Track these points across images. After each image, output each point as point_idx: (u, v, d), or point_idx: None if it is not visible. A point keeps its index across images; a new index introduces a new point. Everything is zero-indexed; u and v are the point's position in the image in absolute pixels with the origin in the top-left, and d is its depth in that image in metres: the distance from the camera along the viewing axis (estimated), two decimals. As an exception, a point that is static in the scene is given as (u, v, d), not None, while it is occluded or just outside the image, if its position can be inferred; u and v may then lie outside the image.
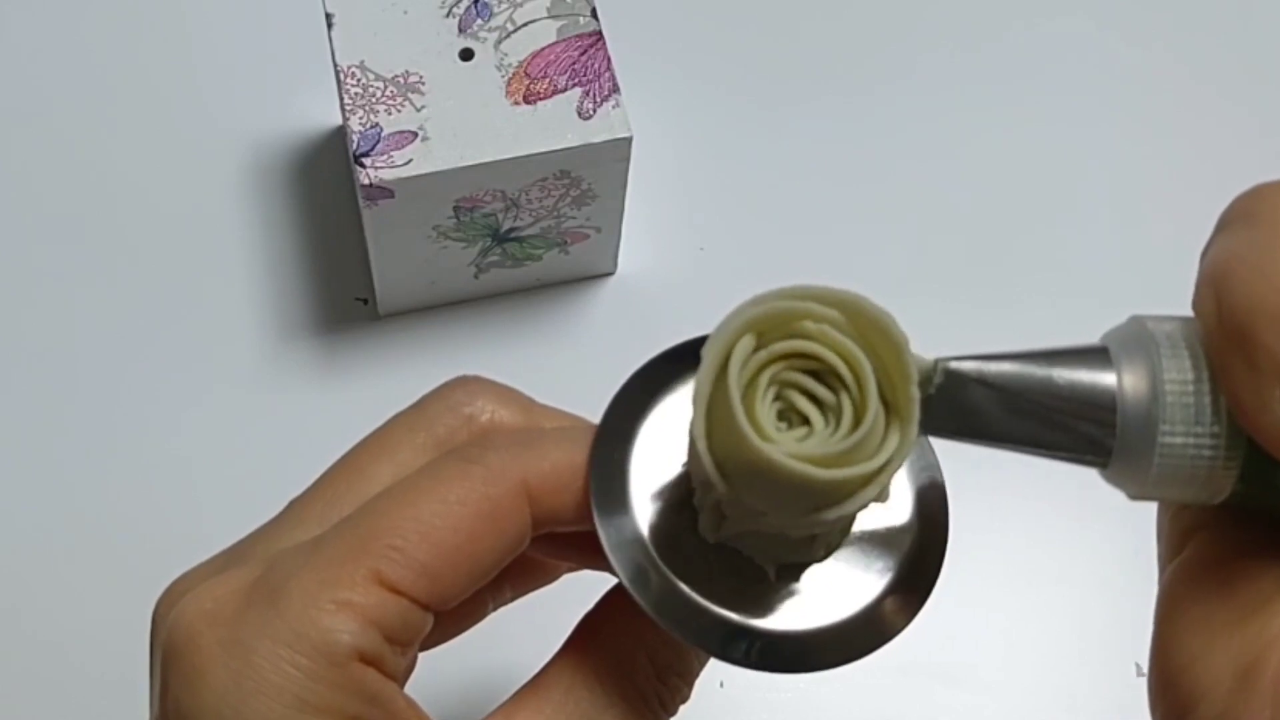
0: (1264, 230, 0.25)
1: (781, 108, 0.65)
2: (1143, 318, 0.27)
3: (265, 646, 0.27)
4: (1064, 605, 0.56)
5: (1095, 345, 0.27)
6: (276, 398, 0.58)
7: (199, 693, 0.27)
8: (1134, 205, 0.64)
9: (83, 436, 0.57)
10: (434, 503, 0.29)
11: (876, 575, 0.30)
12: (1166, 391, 0.26)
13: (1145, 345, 0.26)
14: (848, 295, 0.26)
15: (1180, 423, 0.26)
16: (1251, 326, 0.24)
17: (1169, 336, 0.26)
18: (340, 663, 0.27)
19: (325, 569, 0.28)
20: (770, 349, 0.26)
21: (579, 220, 0.57)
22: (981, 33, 0.68)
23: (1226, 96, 0.67)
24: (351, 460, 0.31)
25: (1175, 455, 0.26)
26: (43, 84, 0.64)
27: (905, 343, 0.26)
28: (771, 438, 0.26)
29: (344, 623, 0.27)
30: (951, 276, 0.62)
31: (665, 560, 0.29)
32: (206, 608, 0.28)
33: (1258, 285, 0.25)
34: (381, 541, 0.28)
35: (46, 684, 0.53)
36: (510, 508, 0.29)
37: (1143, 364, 0.26)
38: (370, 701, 0.27)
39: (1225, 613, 0.25)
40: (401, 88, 0.53)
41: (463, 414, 0.32)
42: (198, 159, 0.63)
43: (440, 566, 0.28)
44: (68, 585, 0.54)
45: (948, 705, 0.54)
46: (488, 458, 0.30)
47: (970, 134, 0.65)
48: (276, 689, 0.27)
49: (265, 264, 0.61)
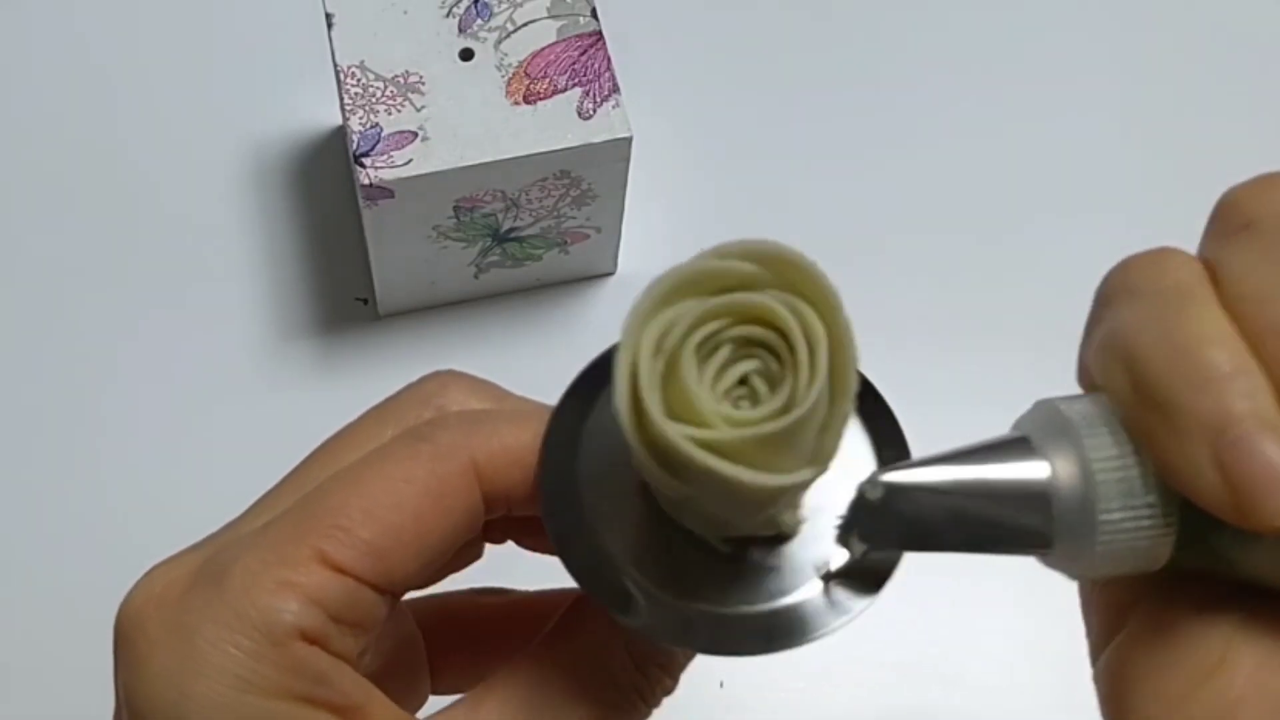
0: (1150, 301, 0.26)
1: (782, 107, 0.65)
2: (1051, 401, 0.27)
3: (208, 628, 0.27)
4: (1063, 605, 0.55)
5: (1014, 436, 0.27)
6: (276, 398, 0.58)
7: (144, 676, 0.27)
8: (1158, 195, 0.64)
9: (83, 436, 0.57)
10: (380, 480, 0.28)
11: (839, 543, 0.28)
12: (1096, 471, 0.26)
13: (1065, 430, 0.26)
14: (770, 247, 0.25)
15: (1116, 498, 0.26)
16: (1169, 393, 0.25)
17: (1084, 416, 0.26)
18: (281, 641, 0.27)
19: (269, 550, 0.28)
20: (697, 309, 0.25)
21: (579, 220, 0.57)
22: (985, 31, 0.68)
23: (1229, 93, 0.67)
24: (320, 453, 0.31)
25: (1117, 531, 0.26)
26: (43, 84, 0.64)
27: (839, 303, 0.25)
28: (706, 417, 0.24)
29: (285, 601, 0.27)
30: (956, 274, 0.62)
31: (617, 548, 0.28)
32: (155, 591, 0.28)
33: (1167, 354, 0.25)
34: (326, 521, 0.28)
35: (44, 683, 0.53)
36: (458, 486, 0.29)
37: (1068, 449, 0.26)
38: (317, 681, 0.27)
39: (1183, 678, 0.25)
40: (401, 88, 0.53)
41: (433, 405, 0.31)
42: (198, 159, 0.63)
43: (386, 545, 0.28)
44: (67, 584, 0.54)
45: (947, 706, 0.54)
46: (437, 435, 0.29)
47: (973, 131, 0.65)
48: (219, 669, 0.26)
49: (265, 264, 0.61)
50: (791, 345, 0.24)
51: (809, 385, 0.24)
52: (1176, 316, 0.26)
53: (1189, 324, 0.25)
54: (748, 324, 0.25)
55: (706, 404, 0.24)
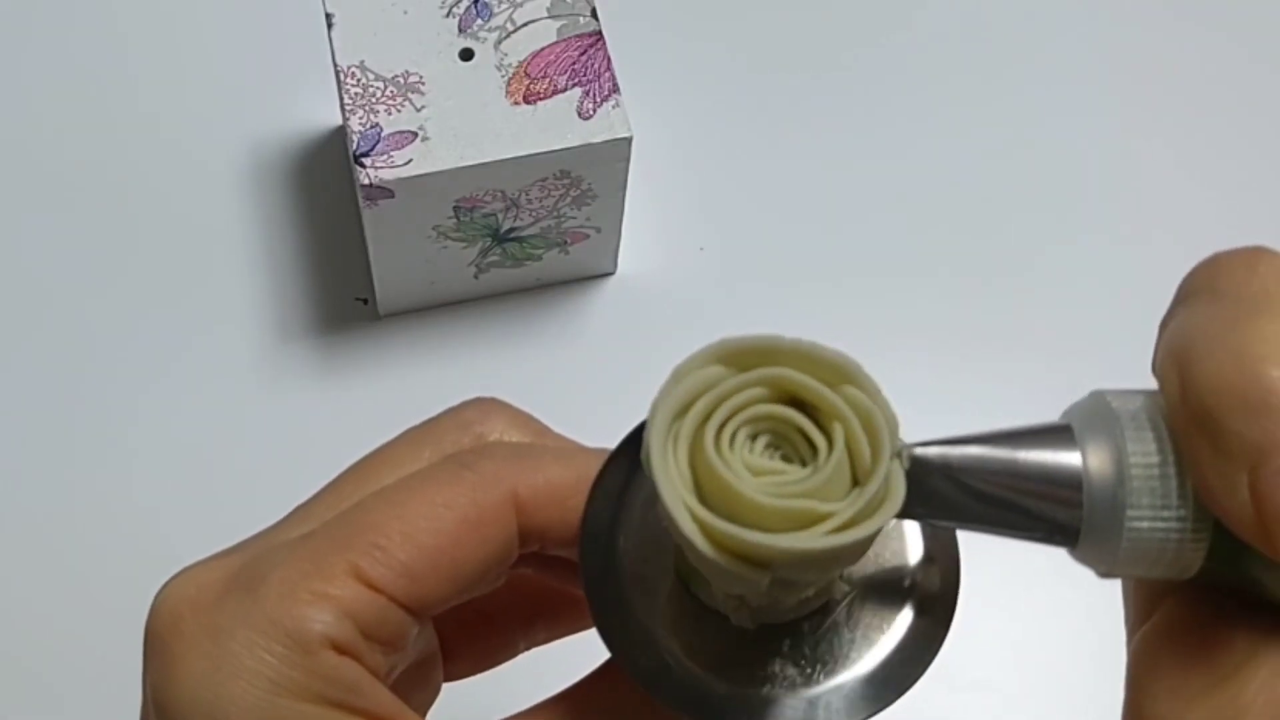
0: (1228, 305, 0.25)
1: (782, 107, 0.65)
2: (1105, 393, 0.26)
3: (242, 633, 0.27)
4: (1067, 605, 0.55)
5: (1058, 424, 0.27)
6: (276, 398, 0.58)
7: (177, 677, 0.27)
8: (1145, 198, 0.64)
9: (82, 436, 0.57)
10: (420, 504, 0.29)
11: (882, 628, 0.28)
12: (1132, 474, 0.25)
13: (1109, 424, 0.26)
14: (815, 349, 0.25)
15: (1147, 506, 0.25)
16: (1217, 409, 0.24)
17: (1132, 414, 0.26)
18: (313, 650, 0.27)
19: (306, 561, 0.28)
20: (741, 380, 0.25)
21: (579, 220, 0.57)
22: (982, 31, 0.68)
23: (1236, 93, 0.67)
24: (358, 470, 0.32)
25: (1142, 538, 0.25)
26: (43, 85, 0.64)
27: (884, 402, 0.25)
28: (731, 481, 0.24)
29: (318, 612, 0.27)
30: (955, 275, 0.62)
31: (655, 620, 0.28)
32: (189, 594, 0.28)
33: (1224, 366, 0.24)
34: (364, 538, 0.28)
35: (42, 683, 0.53)
36: (497, 517, 0.29)
37: (1107, 444, 0.26)
38: (348, 690, 0.27)
39: (1199, 679, 0.25)
40: (401, 88, 0.53)
41: (473, 432, 0.31)
42: (198, 159, 0.63)
43: (421, 568, 0.28)
44: (67, 583, 0.54)
45: (948, 705, 0.54)
46: (481, 464, 0.29)
47: (973, 132, 0.65)
48: (251, 673, 0.27)
49: (265, 264, 0.60)
50: (813, 403, 0.25)
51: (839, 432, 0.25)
52: (1247, 326, 0.24)
53: (1257, 337, 0.24)
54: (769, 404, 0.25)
55: (749, 489, 0.24)
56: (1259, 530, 0.24)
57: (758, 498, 0.24)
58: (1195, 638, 0.26)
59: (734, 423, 0.25)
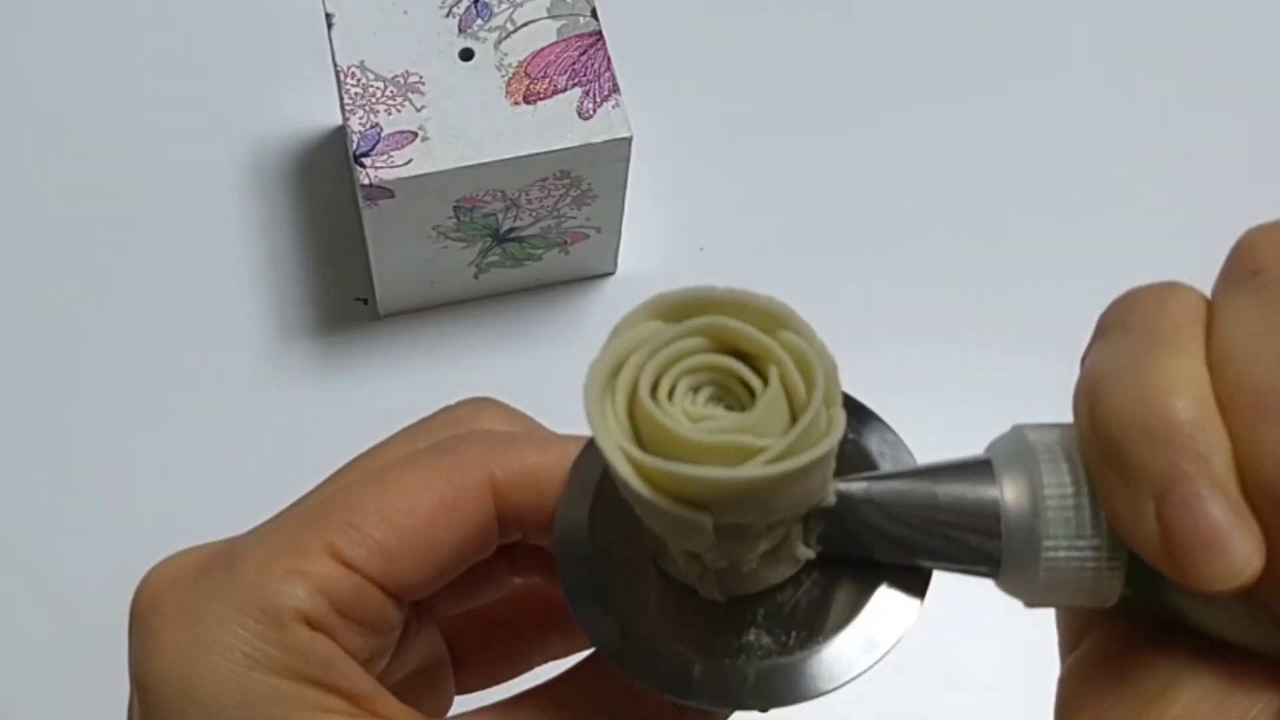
0: (1136, 340, 0.25)
1: (781, 107, 0.65)
2: (1024, 427, 0.27)
3: (217, 607, 0.28)
4: (1064, 605, 0.55)
5: (979, 458, 0.27)
6: (276, 398, 0.58)
7: (153, 651, 0.28)
8: (1140, 201, 0.64)
9: (82, 436, 0.57)
10: (398, 486, 0.29)
11: (858, 597, 0.28)
12: (1047, 505, 0.26)
13: (1025, 457, 0.26)
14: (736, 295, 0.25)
15: (1063, 536, 0.26)
16: (1123, 440, 0.24)
17: (1048, 447, 0.26)
18: (285, 624, 0.27)
19: (283, 540, 0.28)
20: (674, 333, 0.25)
21: (579, 220, 0.57)
22: (982, 30, 0.68)
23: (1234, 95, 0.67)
24: (349, 466, 0.32)
25: (1059, 567, 0.26)
26: (43, 85, 0.64)
27: (813, 335, 0.25)
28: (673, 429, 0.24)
29: (291, 587, 0.27)
30: (953, 276, 0.62)
31: (631, 603, 0.28)
32: (170, 573, 0.29)
33: (1129, 399, 0.24)
34: (340, 518, 0.28)
35: (40, 682, 0.53)
36: (474, 499, 0.29)
37: (1023, 477, 0.26)
38: (321, 666, 0.28)
39: (1123, 706, 0.25)
40: (401, 88, 0.53)
41: (465, 428, 0.32)
42: (198, 159, 0.63)
43: (396, 547, 0.28)
44: (66, 583, 0.54)
45: (948, 705, 0.54)
46: (459, 449, 0.30)
47: (972, 134, 0.65)
48: (225, 647, 0.27)
49: (265, 264, 0.61)
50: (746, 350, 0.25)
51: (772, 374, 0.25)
52: (1152, 360, 0.25)
53: (1162, 371, 0.24)
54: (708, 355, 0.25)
55: (687, 430, 0.24)
56: (1167, 558, 0.24)
57: (691, 435, 0.24)
58: (1119, 665, 0.26)
59: (673, 373, 0.25)
